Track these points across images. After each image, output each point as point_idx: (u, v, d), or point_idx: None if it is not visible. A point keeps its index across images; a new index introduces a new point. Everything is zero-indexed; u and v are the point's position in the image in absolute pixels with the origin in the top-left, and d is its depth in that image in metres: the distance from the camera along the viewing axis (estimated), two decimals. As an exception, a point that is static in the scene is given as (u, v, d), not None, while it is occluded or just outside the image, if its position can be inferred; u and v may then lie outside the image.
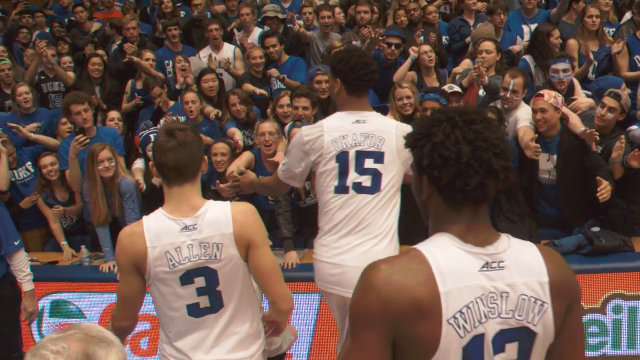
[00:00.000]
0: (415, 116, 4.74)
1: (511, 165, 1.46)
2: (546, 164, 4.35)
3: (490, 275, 1.41)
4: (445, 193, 1.45)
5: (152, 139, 4.51)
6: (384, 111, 4.64)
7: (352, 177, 2.93)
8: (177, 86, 5.89)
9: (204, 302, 2.31)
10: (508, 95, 4.56)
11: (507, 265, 1.42)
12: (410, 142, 1.53)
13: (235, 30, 6.87)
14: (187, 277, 2.27)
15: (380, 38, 5.30)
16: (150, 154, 4.52)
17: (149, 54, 6.21)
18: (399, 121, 4.66)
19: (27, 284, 3.63)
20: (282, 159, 4.43)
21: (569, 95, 4.82)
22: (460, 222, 1.45)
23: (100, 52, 6.74)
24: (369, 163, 2.93)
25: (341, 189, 2.93)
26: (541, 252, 1.48)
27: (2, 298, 3.59)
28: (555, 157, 4.31)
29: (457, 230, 1.44)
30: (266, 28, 6.66)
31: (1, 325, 3.59)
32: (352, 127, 2.96)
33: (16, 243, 3.59)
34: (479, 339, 1.40)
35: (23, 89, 5.70)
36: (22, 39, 7.59)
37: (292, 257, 4.24)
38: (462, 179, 1.41)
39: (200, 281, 2.28)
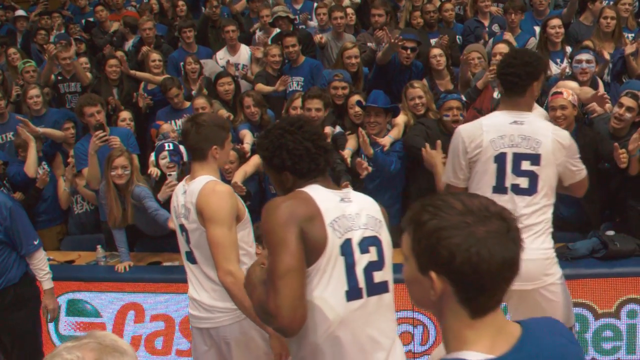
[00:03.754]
0: (427, 116, 4.72)
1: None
2: None
3: (346, 205, 2.12)
4: (305, 176, 2.14)
5: (166, 148, 4.59)
6: (396, 111, 4.65)
7: (510, 178, 2.99)
8: (193, 92, 5.91)
9: (192, 253, 2.83)
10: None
11: (354, 200, 2.15)
12: (267, 155, 2.17)
13: (257, 32, 6.91)
14: (180, 229, 2.87)
15: (399, 43, 5.27)
16: (162, 162, 4.58)
17: (154, 55, 6.23)
18: (411, 120, 4.71)
19: (46, 282, 3.69)
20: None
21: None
22: (324, 182, 2.16)
23: (119, 53, 6.81)
24: (525, 165, 2.98)
25: (499, 189, 2.99)
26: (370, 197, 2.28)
27: (23, 297, 3.64)
28: None
29: (322, 184, 2.14)
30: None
31: (23, 323, 3.64)
32: (509, 128, 3.00)
33: (35, 242, 3.65)
34: (349, 241, 2.07)
35: (34, 92, 5.80)
36: (40, 40, 7.68)
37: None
38: (314, 164, 2.14)
39: (185, 235, 2.84)
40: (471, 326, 1.22)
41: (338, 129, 4.91)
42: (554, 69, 5.48)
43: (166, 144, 4.61)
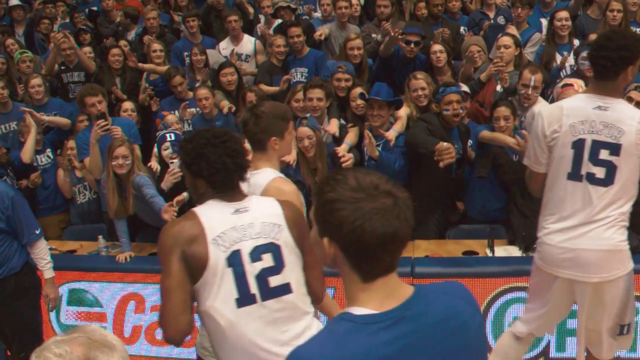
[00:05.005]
0: (430, 107, 4.69)
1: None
2: None
3: (239, 216, 2.26)
4: (216, 187, 2.28)
5: (168, 139, 4.58)
6: (399, 104, 4.62)
7: (586, 166, 2.85)
8: (197, 84, 5.89)
9: None
10: (530, 91, 4.49)
11: (250, 209, 2.29)
12: (188, 160, 2.29)
13: (261, 19, 6.89)
14: None
15: (399, 36, 5.23)
16: (165, 152, 4.57)
17: (156, 45, 6.20)
18: (414, 112, 4.67)
19: (48, 272, 3.71)
20: (294, 157, 4.40)
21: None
22: (225, 196, 2.29)
23: (122, 42, 6.78)
24: (604, 154, 2.82)
25: (574, 176, 2.88)
26: (278, 201, 2.38)
27: (24, 286, 3.67)
28: None
29: (222, 198, 2.29)
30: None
31: (24, 313, 3.67)
32: (592, 113, 2.85)
33: (37, 232, 3.67)
34: (237, 252, 2.22)
35: (36, 81, 5.80)
36: (44, 29, 7.65)
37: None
38: (228, 179, 2.27)
39: None
40: (363, 289, 1.38)
41: (341, 121, 4.89)
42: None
43: (168, 135, 4.61)
